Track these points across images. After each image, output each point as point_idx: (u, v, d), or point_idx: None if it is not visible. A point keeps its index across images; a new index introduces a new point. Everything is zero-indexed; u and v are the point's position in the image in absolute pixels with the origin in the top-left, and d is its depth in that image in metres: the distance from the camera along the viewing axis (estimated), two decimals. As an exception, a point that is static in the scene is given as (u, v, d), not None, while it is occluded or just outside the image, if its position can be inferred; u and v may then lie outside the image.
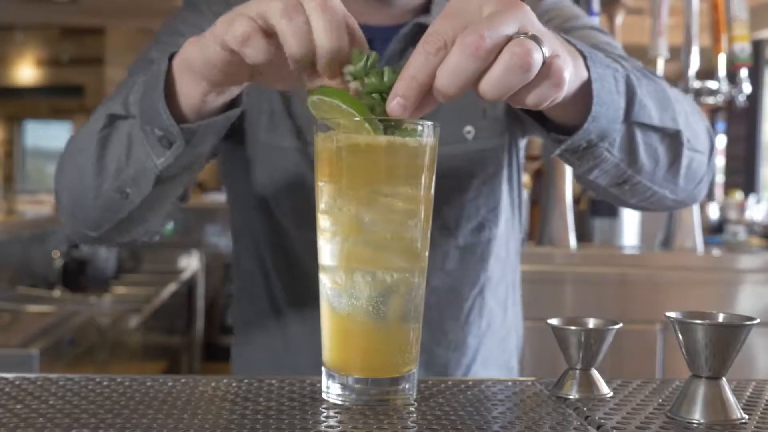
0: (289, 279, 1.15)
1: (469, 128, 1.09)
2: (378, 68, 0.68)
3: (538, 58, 0.64)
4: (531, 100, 0.68)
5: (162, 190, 0.91)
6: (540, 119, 0.87)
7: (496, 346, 1.20)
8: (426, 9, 1.11)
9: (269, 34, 0.70)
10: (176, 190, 0.94)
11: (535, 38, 0.64)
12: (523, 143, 1.20)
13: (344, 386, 0.68)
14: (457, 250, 1.13)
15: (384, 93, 0.66)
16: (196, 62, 0.77)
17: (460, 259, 1.14)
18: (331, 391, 0.68)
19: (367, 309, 0.66)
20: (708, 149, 1.00)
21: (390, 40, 1.08)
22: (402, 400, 0.68)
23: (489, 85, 0.64)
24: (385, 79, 0.66)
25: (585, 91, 0.79)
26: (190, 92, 0.81)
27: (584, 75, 0.78)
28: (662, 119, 0.90)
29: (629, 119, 0.86)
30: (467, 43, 0.62)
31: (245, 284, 1.21)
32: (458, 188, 1.11)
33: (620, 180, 0.92)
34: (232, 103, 0.85)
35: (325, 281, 0.68)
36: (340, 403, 0.67)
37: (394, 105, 0.65)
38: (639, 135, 0.88)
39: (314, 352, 0.75)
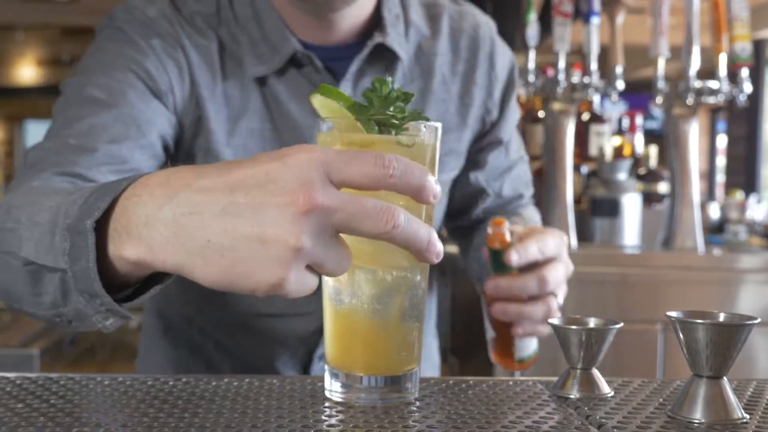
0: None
1: None
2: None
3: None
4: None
5: None
6: None
7: None
8: (376, 25, 1.10)
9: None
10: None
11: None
12: None
13: (346, 384, 0.68)
14: None
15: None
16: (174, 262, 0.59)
17: None
18: (333, 389, 0.68)
19: (368, 308, 0.66)
20: None
21: (343, 59, 1.09)
22: (403, 398, 0.68)
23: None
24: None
25: None
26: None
27: None
28: None
29: None
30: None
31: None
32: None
33: None
34: None
35: (327, 280, 0.68)
36: (341, 401, 0.67)
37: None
38: None
39: None
